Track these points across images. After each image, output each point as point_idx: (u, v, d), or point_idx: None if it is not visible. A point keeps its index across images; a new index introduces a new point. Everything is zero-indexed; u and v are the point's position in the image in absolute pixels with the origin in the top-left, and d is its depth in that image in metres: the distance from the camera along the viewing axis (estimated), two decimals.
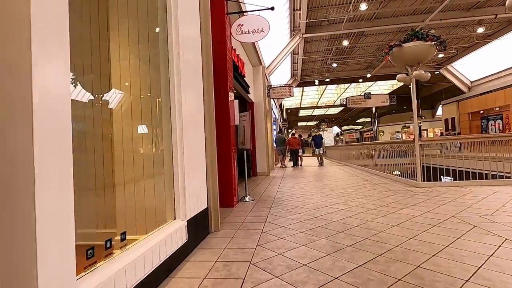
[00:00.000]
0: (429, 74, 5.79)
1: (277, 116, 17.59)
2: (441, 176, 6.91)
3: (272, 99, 14.47)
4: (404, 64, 5.83)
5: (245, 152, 5.52)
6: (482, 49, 16.23)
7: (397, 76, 6.00)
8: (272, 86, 11.30)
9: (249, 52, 9.04)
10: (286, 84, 11.10)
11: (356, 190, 5.75)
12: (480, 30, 12.86)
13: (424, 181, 5.77)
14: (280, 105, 23.40)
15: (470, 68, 18.75)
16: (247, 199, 5.26)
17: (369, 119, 48.54)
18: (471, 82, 19.22)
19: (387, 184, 6.30)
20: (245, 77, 7.76)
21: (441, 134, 26.49)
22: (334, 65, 16.78)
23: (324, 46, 14.87)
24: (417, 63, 5.71)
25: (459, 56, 16.68)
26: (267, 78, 11.61)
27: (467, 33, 13.61)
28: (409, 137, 32.76)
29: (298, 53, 15.47)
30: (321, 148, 12.45)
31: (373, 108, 33.24)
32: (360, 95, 21.77)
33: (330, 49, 15.27)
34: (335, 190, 5.86)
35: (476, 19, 12.28)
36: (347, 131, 50.16)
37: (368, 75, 19.20)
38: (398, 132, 35.72)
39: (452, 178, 6.39)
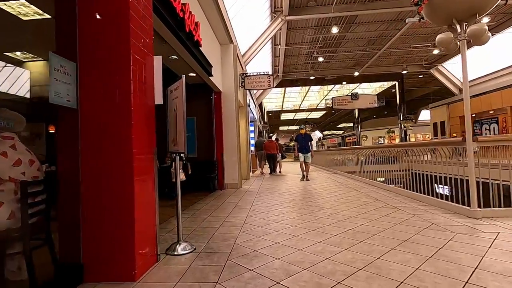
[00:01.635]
0: (490, 34, 3.53)
1: (255, 117, 15.18)
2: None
3: (249, 95, 12.04)
4: (449, 17, 3.55)
5: (176, 158, 3.04)
6: (478, 47, 14.70)
7: (438, 36, 3.70)
8: (248, 74, 8.87)
9: (214, 24, 6.56)
10: (264, 72, 8.73)
11: (372, 222, 3.36)
12: (485, 20, 11.15)
13: (482, 207, 3.48)
14: (261, 105, 21.05)
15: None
16: (179, 249, 2.73)
17: (350, 124, 47.55)
18: (462, 83, 17.74)
19: (417, 210, 3.97)
20: (201, 46, 5.26)
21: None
22: (320, 59, 14.70)
23: (310, 35, 12.69)
24: (470, 15, 3.45)
25: (454, 54, 15.09)
26: (240, 63, 9.16)
27: None
28: (391, 142, 31.54)
29: (280, 44, 13.19)
30: (309, 154, 8.45)
31: (356, 113, 31.84)
32: (347, 95, 19.89)
33: (316, 39, 13.12)
34: (338, 223, 3.45)
35: None
36: (329, 136, 48.81)
37: (356, 73, 17.28)
38: (380, 137, 34.48)
39: None
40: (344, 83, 23.64)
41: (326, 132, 51.78)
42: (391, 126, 32.62)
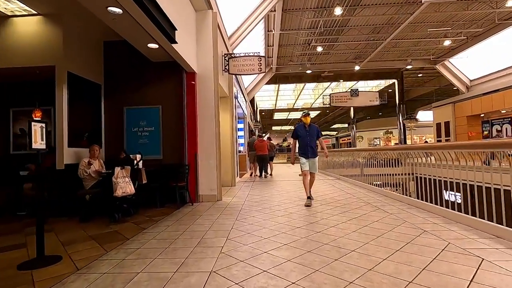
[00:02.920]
0: None
1: (246, 113, 13.30)
2: None
3: (238, 86, 10.15)
4: None
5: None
6: (489, 40, 13.18)
7: None
8: (233, 55, 6.97)
9: None
10: (254, 53, 6.86)
11: None
12: (510, 3, 9.54)
13: None
14: (252, 102, 19.18)
15: (469, 65, 15.77)
16: None
17: (344, 125, 46.14)
18: (470, 80, 16.26)
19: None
20: None
21: (426, 142, 23.72)
22: (319, 49, 12.93)
23: (309, 18, 10.89)
24: None
25: (465, 46, 13.52)
26: (224, 42, 7.26)
27: (489, 10, 10.27)
28: (387, 144, 30.02)
29: (274, 29, 11.35)
30: (317, 159, 5.03)
31: (352, 113, 30.30)
32: (346, 91, 18.20)
33: (315, 24, 11.33)
34: None
35: None
36: (323, 137, 47.24)
37: (356, 68, 15.57)
38: (376, 138, 33.05)
39: None
40: (341, 81, 22.00)
41: None
42: (387, 127, 31.23)
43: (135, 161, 4.38)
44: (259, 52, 6.92)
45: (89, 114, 5.37)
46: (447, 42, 12.74)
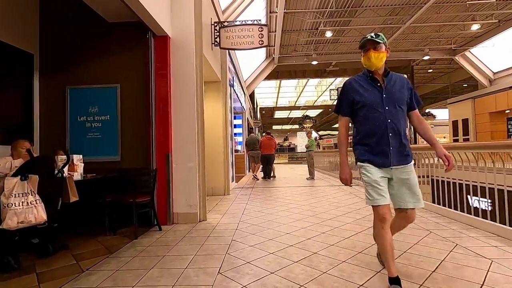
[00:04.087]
0: None
1: (244, 107, 11.59)
2: None
3: (234, 71, 8.44)
4: None
5: None
6: None
7: None
8: (226, 24, 5.24)
9: None
10: (254, 21, 5.15)
11: None
12: None
13: None
14: (252, 97, 17.45)
15: (493, 55, 14.05)
16: None
17: None
18: (494, 73, 14.54)
19: None
20: None
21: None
22: (328, 34, 11.22)
23: None
24: None
25: (494, 32, 11.79)
26: (213, 3, 5.49)
27: None
28: None
29: (277, 8, 9.63)
30: (411, 170, 1.84)
31: None
32: None
33: (326, 3, 9.59)
34: None
35: None
36: (325, 136, 45.78)
37: None
38: None
39: None
40: (348, 78, 20.23)
41: (321, 132, 48.59)
42: None
43: (58, 165, 2.66)
44: (260, 20, 5.19)
45: (15, 96, 3.67)
46: (475, 27, 11.00)
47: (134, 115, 3.82)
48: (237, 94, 8.97)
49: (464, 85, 25.49)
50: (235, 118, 11.42)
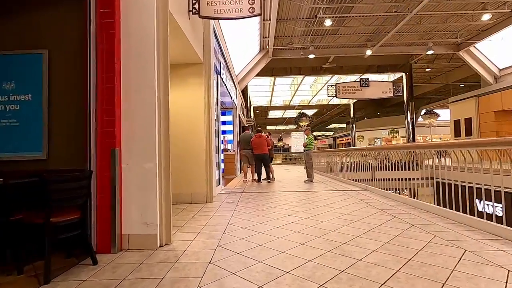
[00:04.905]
0: None
1: (235, 103, 10.47)
2: None
3: (223, 62, 7.32)
4: None
5: None
6: None
7: None
8: None
9: None
10: None
11: None
12: None
13: None
14: (245, 95, 16.34)
15: (498, 51, 13.24)
16: None
17: (340, 125, 43.76)
18: (500, 70, 13.73)
19: None
20: None
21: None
22: (328, 22, 10.18)
23: None
24: None
25: (504, 24, 10.92)
26: None
27: None
28: (387, 144, 27.43)
29: None
30: None
31: (352, 111, 27.81)
32: (355, 81, 15.53)
33: None
34: None
35: None
36: (320, 137, 45.00)
37: (368, 52, 12.88)
38: (377, 138, 30.63)
39: None
40: (345, 76, 19.26)
41: (315, 133, 47.80)
42: (387, 127, 28.78)
43: None
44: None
45: None
46: (485, 17, 10.11)
47: (69, 93, 2.66)
48: (226, 86, 7.84)
49: (461, 85, 24.85)
50: (224, 114, 10.29)
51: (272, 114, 37.47)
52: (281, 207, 4.29)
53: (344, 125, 39.93)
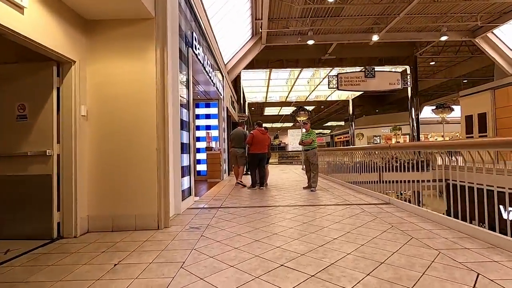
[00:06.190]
0: None
1: (221, 93, 8.76)
2: None
3: (204, 41, 5.62)
4: None
5: None
6: None
7: None
8: None
9: None
10: None
11: None
12: None
13: None
14: (237, 89, 14.63)
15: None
16: None
17: (337, 123, 42.27)
18: None
19: None
20: None
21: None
22: None
23: None
24: None
25: None
26: None
27: None
28: (387, 142, 25.85)
29: None
30: None
31: (350, 108, 26.44)
32: (360, 71, 13.90)
33: None
34: None
35: None
36: (317, 135, 43.53)
37: (374, 38, 11.23)
38: (376, 136, 29.15)
39: None
40: (344, 69, 17.59)
41: None
42: (388, 124, 27.26)
43: None
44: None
45: None
46: None
47: None
48: (205, 69, 6.13)
49: (465, 81, 23.37)
50: (209, 106, 8.60)
51: (268, 111, 35.88)
52: (274, 240, 2.62)
53: (342, 123, 38.42)
